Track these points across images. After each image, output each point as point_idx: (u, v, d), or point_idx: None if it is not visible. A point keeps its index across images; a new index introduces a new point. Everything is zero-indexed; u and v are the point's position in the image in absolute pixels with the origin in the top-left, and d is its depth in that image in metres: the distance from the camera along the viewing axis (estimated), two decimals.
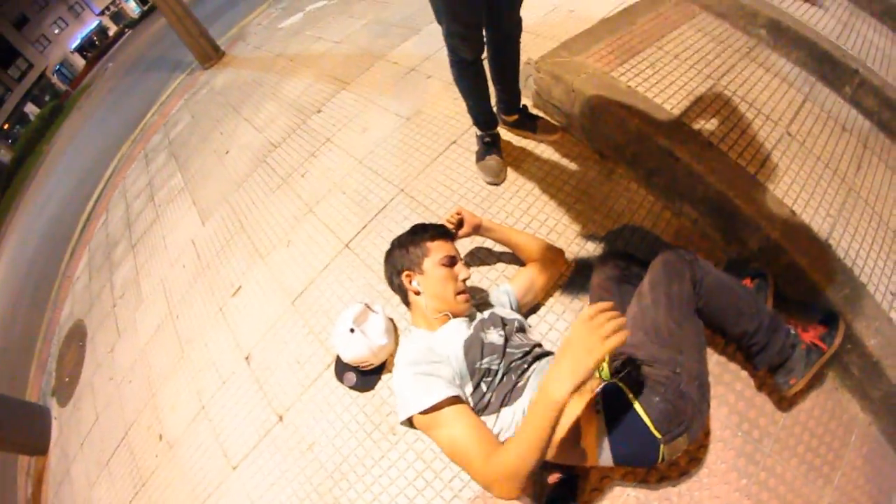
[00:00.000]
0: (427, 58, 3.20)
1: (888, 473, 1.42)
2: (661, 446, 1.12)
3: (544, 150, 2.22)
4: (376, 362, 1.72)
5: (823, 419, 1.47)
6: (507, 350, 1.32)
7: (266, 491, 1.79)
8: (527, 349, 1.34)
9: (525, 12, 1.83)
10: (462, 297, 1.44)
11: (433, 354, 1.28)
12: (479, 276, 1.88)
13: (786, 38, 2.45)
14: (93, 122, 12.09)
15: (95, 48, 38.38)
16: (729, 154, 1.84)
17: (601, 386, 1.22)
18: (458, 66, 1.88)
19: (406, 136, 2.61)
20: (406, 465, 1.54)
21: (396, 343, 1.77)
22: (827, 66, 2.37)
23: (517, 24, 1.88)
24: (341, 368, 1.78)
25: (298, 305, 2.15)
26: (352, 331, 1.66)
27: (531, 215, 2.00)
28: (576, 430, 1.19)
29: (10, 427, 3.20)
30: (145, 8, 38.18)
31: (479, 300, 1.61)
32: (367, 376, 1.74)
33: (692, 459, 1.39)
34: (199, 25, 5.79)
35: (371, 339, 1.67)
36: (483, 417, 1.24)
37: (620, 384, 1.19)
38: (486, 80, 1.99)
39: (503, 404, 1.25)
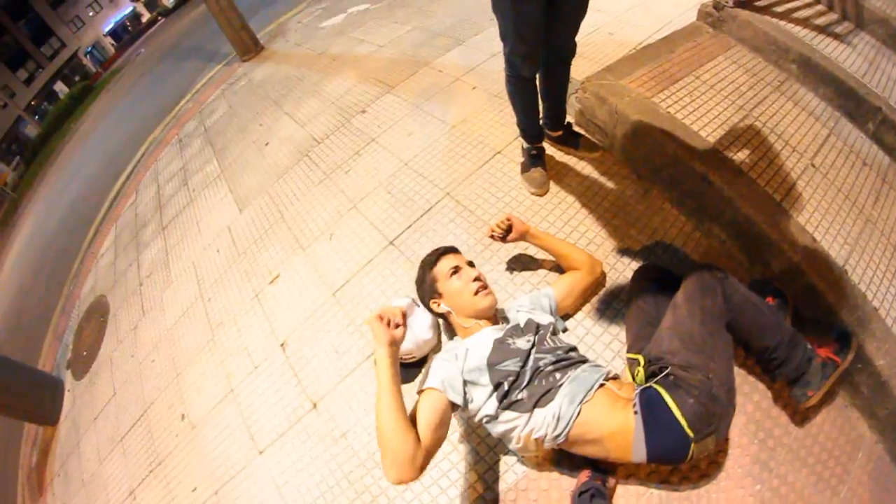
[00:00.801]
0: (471, 69, 3.29)
1: (892, 491, 1.50)
2: (692, 445, 1.22)
3: (585, 167, 2.33)
4: (419, 355, 1.79)
5: (833, 434, 1.56)
6: (534, 355, 1.43)
7: (293, 476, 1.84)
8: (559, 354, 1.45)
9: None
10: (482, 293, 1.61)
11: (450, 354, 1.45)
12: (523, 280, 1.98)
13: (815, 73, 2.56)
14: (124, 104, 12.40)
15: (128, 33, 39.51)
16: (758, 181, 1.97)
17: (639, 390, 1.32)
18: (514, 81, 2.00)
19: (451, 142, 2.70)
20: (441, 456, 1.60)
21: (439, 339, 1.84)
22: (852, 102, 2.48)
23: (572, 49, 1.99)
24: None
25: (339, 297, 2.22)
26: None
27: (571, 227, 2.10)
28: (612, 434, 1.29)
29: (22, 395, 3.28)
30: None
31: (518, 306, 1.70)
32: (408, 369, 1.80)
33: (711, 463, 1.49)
34: (241, 17, 5.87)
35: (416, 333, 1.73)
36: (515, 413, 1.36)
37: (657, 387, 1.29)
38: (537, 97, 2.14)
39: (536, 405, 1.34)
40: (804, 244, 1.79)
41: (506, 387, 1.36)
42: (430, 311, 1.69)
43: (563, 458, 1.51)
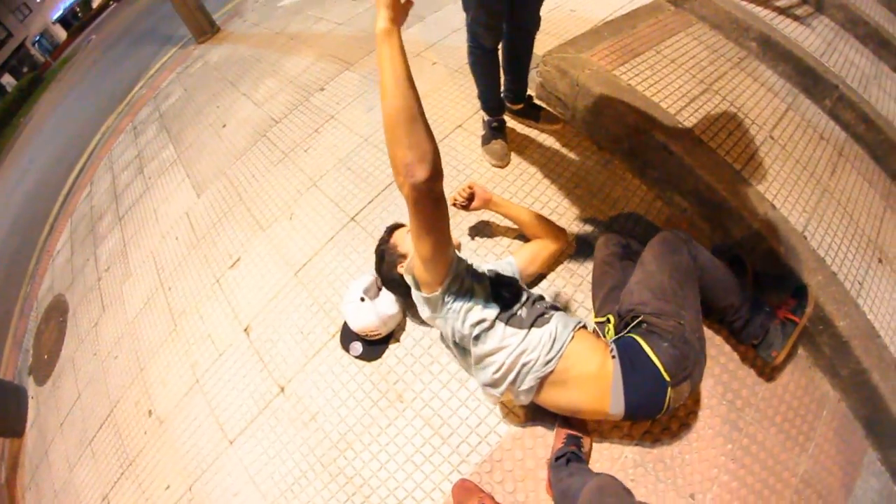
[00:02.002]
0: (431, 45, 3.24)
1: (856, 446, 1.59)
2: (669, 389, 1.26)
3: (546, 139, 2.34)
4: (384, 331, 1.77)
5: (798, 394, 1.64)
6: (525, 290, 1.49)
7: (266, 464, 1.82)
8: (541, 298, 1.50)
9: None
10: None
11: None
12: (486, 251, 1.98)
13: (774, 51, 2.68)
14: (75, 94, 11.90)
15: (78, 19, 37.95)
16: (717, 151, 2.06)
17: (614, 339, 1.35)
18: (476, 52, 2.00)
19: None
20: (413, 432, 1.60)
21: (404, 314, 1.82)
22: (810, 80, 2.60)
23: (536, 22, 1.98)
24: (348, 338, 1.82)
25: (302, 277, 2.18)
26: (362, 300, 1.71)
27: (534, 197, 2.11)
28: (591, 377, 1.30)
29: None
30: None
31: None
32: (373, 346, 1.78)
33: (682, 425, 1.53)
34: None
35: (380, 309, 1.71)
36: (512, 329, 1.34)
37: (633, 335, 1.32)
38: (499, 68, 2.13)
39: (532, 325, 1.35)
40: (764, 211, 1.88)
41: (506, 295, 1.37)
42: (396, 280, 1.59)
43: (536, 414, 1.54)
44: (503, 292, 1.40)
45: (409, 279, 1.40)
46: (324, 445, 1.70)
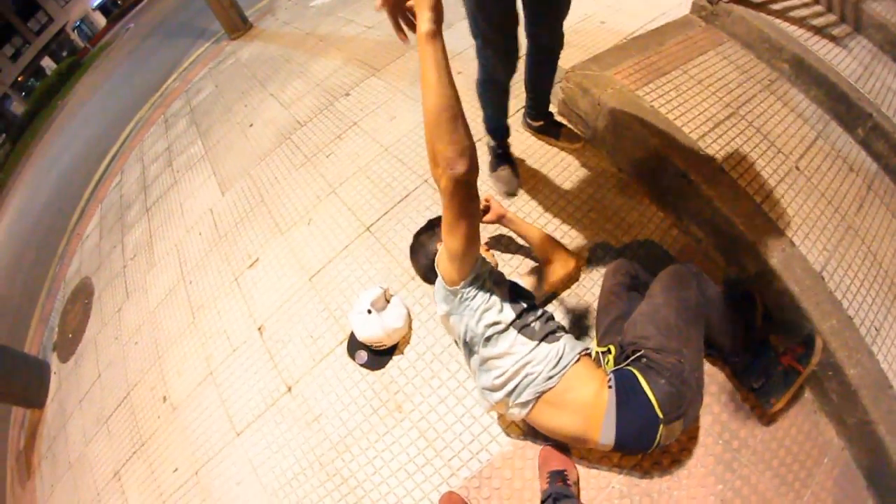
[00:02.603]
0: (457, 54, 3.23)
1: (855, 497, 1.54)
2: (661, 427, 1.26)
3: (565, 158, 2.33)
4: (389, 343, 1.84)
5: (800, 439, 1.60)
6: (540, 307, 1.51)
7: (268, 458, 1.91)
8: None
9: None
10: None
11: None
12: (502, 264, 1.99)
13: (807, 75, 2.55)
14: (111, 82, 12.22)
15: (117, 7, 38.67)
16: (739, 182, 1.97)
17: (613, 370, 1.35)
18: (488, 85, 1.96)
19: None
20: (409, 442, 1.66)
21: (410, 329, 1.89)
22: (843, 106, 2.48)
23: (559, 39, 1.90)
24: (354, 346, 1.90)
25: (315, 282, 2.26)
26: (369, 312, 1.78)
27: (547, 218, 2.11)
28: (586, 404, 1.32)
29: (9, 378, 3.31)
30: None
31: None
32: (378, 356, 1.85)
33: (674, 461, 1.53)
34: None
35: (387, 322, 1.78)
36: (523, 338, 1.37)
37: (631, 368, 1.32)
38: (509, 97, 2.06)
39: (543, 339, 1.38)
40: (781, 248, 1.82)
41: (524, 305, 1.41)
42: (428, 265, 1.63)
43: (527, 437, 1.59)
44: (521, 301, 1.43)
45: (438, 271, 1.44)
46: (324, 446, 1.78)
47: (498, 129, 2.18)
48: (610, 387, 1.31)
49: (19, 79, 33.11)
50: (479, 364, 1.41)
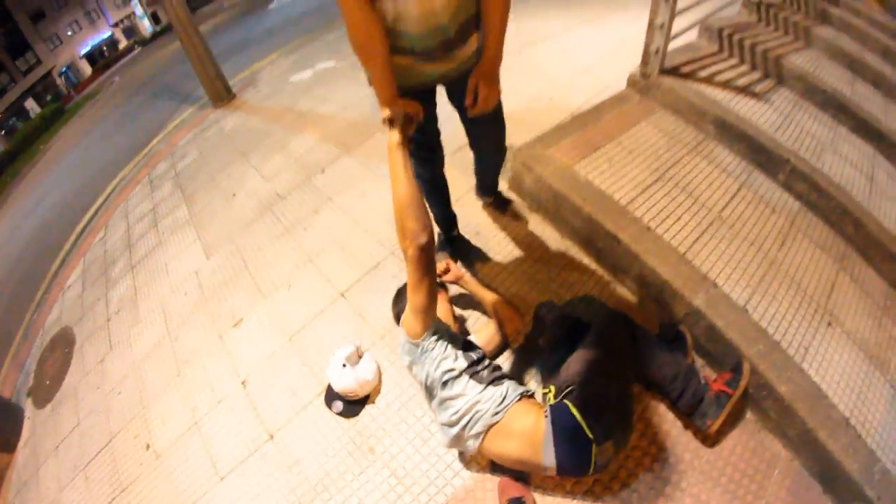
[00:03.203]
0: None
1: (813, 502, 1.63)
2: (593, 446, 1.41)
3: (515, 227, 2.58)
4: (361, 394, 2.03)
5: (745, 455, 1.71)
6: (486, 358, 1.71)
7: (251, 500, 1.98)
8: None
9: (511, 98, 2.00)
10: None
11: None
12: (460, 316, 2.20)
13: (729, 133, 2.76)
14: (95, 134, 12.11)
15: (104, 58, 38.47)
16: (664, 237, 2.18)
17: (549, 404, 1.53)
18: (419, 181, 2.12)
19: None
20: (381, 480, 1.81)
21: (380, 382, 2.09)
22: (763, 156, 2.68)
23: (501, 152, 2.17)
24: (331, 397, 2.08)
25: (295, 341, 2.43)
26: (344, 365, 2.00)
27: (501, 279, 2.34)
28: (527, 431, 1.49)
29: None
30: (157, 28, 39.09)
31: None
32: (352, 405, 2.04)
33: (624, 485, 1.65)
34: (216, 67, 6.07)
35: (360, 375, 1.99)
36: (473, 383, 1.57)
37: (565, 401, 1.49)
38: (446, 191, 2.26)
39: (490, 384, 1.58)
40: (705, 290, 1.98)
41: (473, 357, 1.62)
42: None
43: (486, 471, 1.76)
44: (471, 353, 1.64)
45: (401, 332, 1.65)
46: (303, 487, 1.91)
47: (441, 222, 2.38)
48: (546, 416, 1.47)
49: (1, 116, 32.15)
50: (438, 404, 1.59)
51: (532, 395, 1.64)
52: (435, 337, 1.59)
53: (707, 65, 3.25)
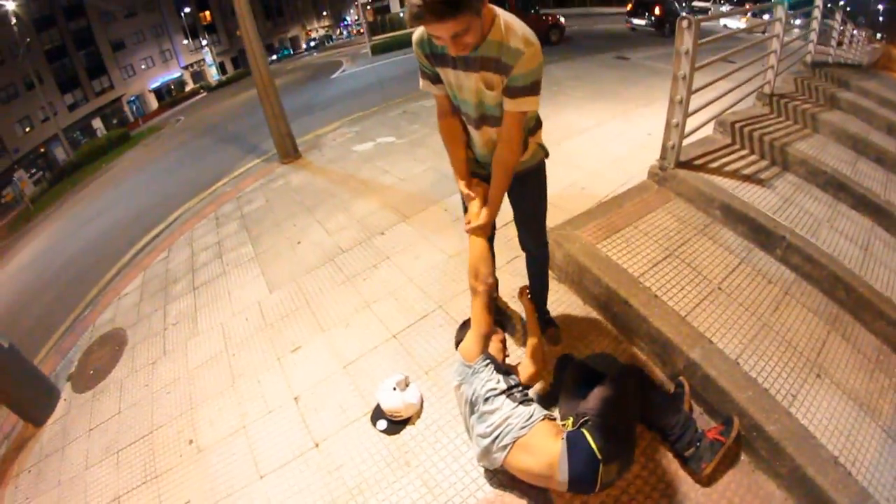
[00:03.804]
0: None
1: None
2: (601, 466, 1.67)
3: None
4: (405, 415, 2.37)
5: (740, 492, 1.93)
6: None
7: (288, 498, 2.21)
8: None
9: (549, 187, 2.24)
10: None
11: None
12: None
13: (733, 216, 3.13)
14: (160, 166, 13.26)
15: (170, 96, 41.91)
16: (668, 303, 2.54)
17: (567, 430, 1.81)
18: None
19: (448, 268, 3.46)
20: (413, 489, 2.09)
21: (421, 407, 2.43)
22: (763, 235, 3.03)
23: (537, 242, 2.36)
24: (377, 415, 2.42)
25: (349, 370, 2.80)
26: (394, 388, 2.38)
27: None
28: (547, 449, 1.73)
29: (20, 386, 3.45)
30: (223, 78, 42.51)
31: None
32: (395, 425, 2.37)
33: None
34: (287, 126, 6.62)
35: (405, 398, 2.36)
36: (509, 401, 1.84)
37: (581, 429, 1.76)
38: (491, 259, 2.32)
39: (521, 403, 1.85)
40: (701, 346, 2.29)
41: (511, 382, 1.91)
42: None
43: (505, 486, 2.01)
44: (510, 379, 1.91)
45: (458, 356, 1.99)
46: (341, 489, 2.17)
47: None
48: (563, 438, 1.73)
49: (70, 127, 34.74)
50: (478, 417, 1.86)
51: (555, 419, 1.91)
52: (486, 362, 1.90)
53: (719, 156, 3.73)
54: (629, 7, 19.00)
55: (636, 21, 17.44)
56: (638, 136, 5.06)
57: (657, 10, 16.87)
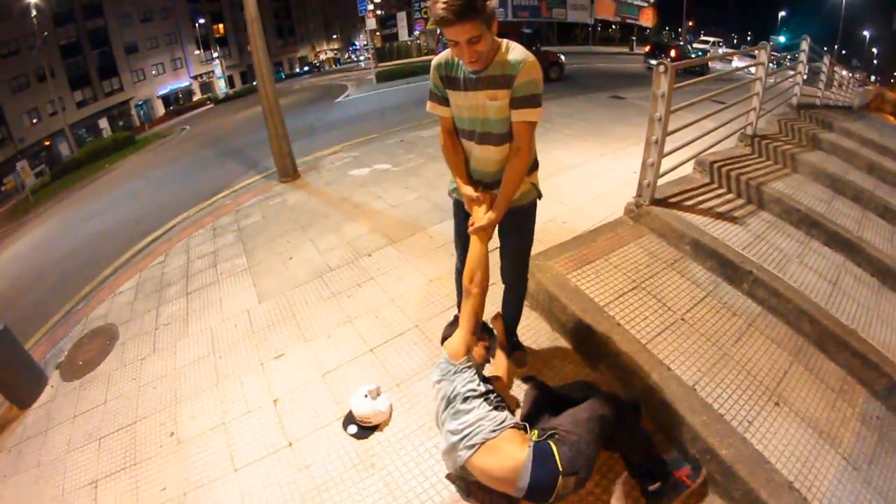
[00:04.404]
0: (452, 240, 4.25)
1: None
2: (560, 478, 1.73)
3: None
4: (374, 422, 2.56)
5: None
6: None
7: (260, 490, 2.34)
8: None
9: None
10: None
11: None
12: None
13: (703, 252, 3.23)
14: (162, 173, 13.56)
15: (177, 104, 42.39)
16: (630, 331, 2.64)
17: (534, 440, 1.85)
18: (457, 275, 2.57)
19: (427, 291, 3.68)
20: (375, 490, 2.26)
21: (390, 416, 2.62)
22: (730, 269, 3.12)
23: (516, 277, 2.49)
24: (349, 421, 2.62)
25: (327, 378, 3.00)
26: (365, 396, 2.58)
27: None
28: (512, 455, 1.80)
29: (9, 366, 3.54)
30: (230, 92, 43.05)
31: None
32: (364, 430, 2.56)
33: None
34: (289, 146, 6.85)
35: (375, 406, 2.56)
36: (485, 404, 1.92)
37: (548, 441, 1.82)
38: None
39: (495, 408, 1.93)
40: (659, 372, 2.38)
41: (489, 387, 2.00)
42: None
43: (461, 491, 2.15)
44: (488, 385, 2.01)
45: (443, 353, 2.06)
46: (308, 486, 2.33)
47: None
48: (530, 447, 1.80)
49: (76, 124, 35.07)
50: (452, 413, 1.93)
51: (523, 428, 1.94)
52: (469, 364, 1.99)
53: (695, 195, 3.90)
54: (648, 49, 21.67)
55: (653, 62, 18.29)
56: (623, 173, 5.25)
57: (672, 52, 19.50)
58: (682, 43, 32.04)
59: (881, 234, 4.03)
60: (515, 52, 1.91)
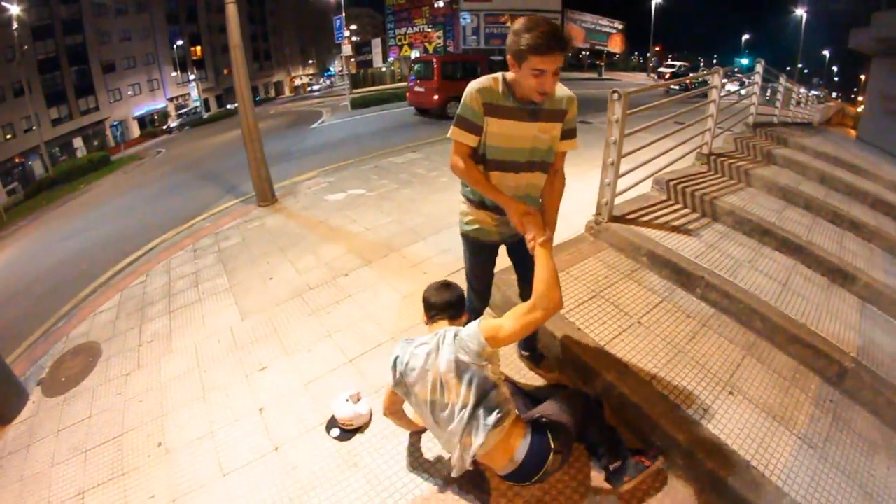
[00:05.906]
0: (425, 260, 4.47)
1: None
2: (550, 454, 1.86)
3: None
4: (356, 425, 2.70)
5: (658, 496, 2.13)
6: None
7: (248, 492, 2.40)
8: None
9: None
10: None
11: None
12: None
13: (658, 262, 3.34)
14: (140, 194, 13.26)
15: (153, 125, 41.14)
16: (590, 335, 2.76)
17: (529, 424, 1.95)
18: (471, 314, 2.45)
19: (402, 306, 3.84)
20: (358, 486, 2.40)
21: (370, 419, 2.75)
22: (684, 277, 3.23)
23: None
24: (331, 425, 2.76)
25: (309, 387, 3.13)
26: (347, 400, 2.74)
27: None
28: (509, 437, 1.89)
29: None
30: (206, 116, 41.86)
31: None
32: (346, 433, 2.70)
33: None
34: (268, 171, 6.90)
35: (356, 409, 2.72)
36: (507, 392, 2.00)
37: (541, 422, 1.95)
38: None
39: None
40: (617, 370, 2.51)
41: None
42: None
43: (448, 482, 2.26)
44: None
45: (477, 333, 1.89)
46: (295, 486, 2.44)
47: None
48: (526, 426, 1.93)
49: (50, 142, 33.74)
50: (482, 397, 1.88)
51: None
52: (497, 357, 1.99)
53: (652, 211, 4.05)
54: (668, 75, 23.75)
55: (676, 87, 18.65)
56: (588, 194, 5.26)
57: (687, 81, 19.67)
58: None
59: (831, 237, 4.21)
60: (562, 89, 2.07)
